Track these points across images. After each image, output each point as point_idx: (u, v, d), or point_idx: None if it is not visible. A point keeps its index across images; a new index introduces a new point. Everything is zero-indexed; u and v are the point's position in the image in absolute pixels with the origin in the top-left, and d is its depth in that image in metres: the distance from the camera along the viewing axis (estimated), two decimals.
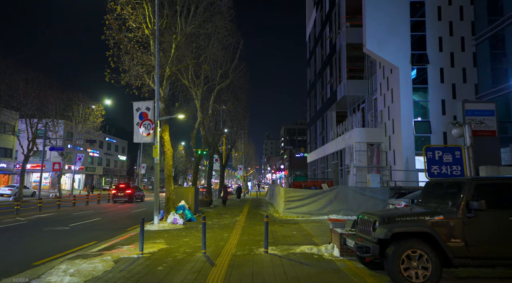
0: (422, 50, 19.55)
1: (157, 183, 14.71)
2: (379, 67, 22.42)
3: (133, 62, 16.25)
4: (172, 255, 8.26)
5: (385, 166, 21.26)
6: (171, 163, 15.85)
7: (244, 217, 17.59)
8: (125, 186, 29.83)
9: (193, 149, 23.28)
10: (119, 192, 29.13)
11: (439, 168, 10.63)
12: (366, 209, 17.32)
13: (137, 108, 14.98)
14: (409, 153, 18.86)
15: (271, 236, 11.13)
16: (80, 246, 10.18)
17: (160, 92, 15.89)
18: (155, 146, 14.71)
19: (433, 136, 18.96)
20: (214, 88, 24.11)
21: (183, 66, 16.60)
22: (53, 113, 35.87)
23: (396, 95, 19.79)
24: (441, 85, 19.25)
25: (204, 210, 21.39)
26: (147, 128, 14.74)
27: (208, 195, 26.00)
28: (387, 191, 17.30)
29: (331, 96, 29.60)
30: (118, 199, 29.25)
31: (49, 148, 35.12)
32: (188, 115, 25.66)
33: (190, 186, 25.15)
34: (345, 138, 23.80)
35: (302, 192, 18.01)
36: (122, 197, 28.98)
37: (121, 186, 30.01)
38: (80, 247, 10.11)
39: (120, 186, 30.02)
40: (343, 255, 7.83)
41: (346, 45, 25.23)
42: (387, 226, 5.42)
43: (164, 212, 15.65)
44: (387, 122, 21.31)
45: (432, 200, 6.25)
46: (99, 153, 64.71)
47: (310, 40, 42.20)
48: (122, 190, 29.24)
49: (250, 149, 69.05)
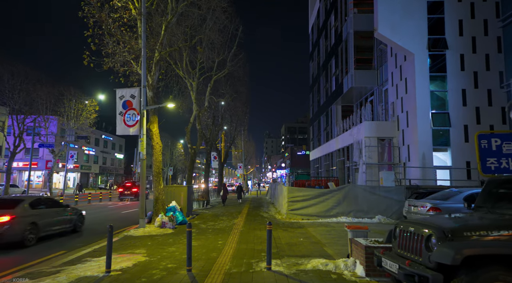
0: (440, 34, 17.67)
1: (143, 181, 12.89)
2: (391, 55, 20.55)
3: (119, 47, 14.44)
4: (147, 274, 6.44)
5: (397, 162, 19.43)
6: (160, 158, 14.03)
7: (243, 219, 15.78)
8: (131, 185, 31.46)
9: (188, 145, 21.44)
10: (126, 190, 30.63)
11: (498, 161, 8.67)
12: (378, 210, 15.50)
13: (121, 96, 13.15)
14: (425, 148, 17.01)
15: (274, 244, 9.32)
16: (42, 258, 8.38)
17: (148, 79, 14.09)
18: (141, 139, 12.89)
19: (452, 130, 17.10)
20: (211, 79, 22.25)
21: (173, 49, 14.76)
22: (44, 109, 34.13)
23: (410, 85, 17.93)
24: (461, 73, 17.38)
25: (200, 211, 19.58)
26: (132, 118, 12.91)
27: (205, 194, 24.16)
28: (403, 190, 15.49)
29: (336, 89, 27.75)
30: (124, 197, 30.49)
31: (38, 144, 33.31)
32: (182, 107, 23.80)
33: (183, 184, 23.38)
34: (352, 133, 21.95)
35: (307, 191, 16.20)
36: (128, 195, 30.36)
37: (128, 185, 31.52)
38: (41, 259, 8.30)
39: (127, 185, 31.53)
40: (370, 274, 6.01)
41: (354, 33, 23.37)
42: (452, 245, 3.59)
43: (152, 214, 13.85)
44: (400, 115, 19.45)
45: (506, 205, 4.40)
46: (95, 150, 62.87)
47: (313, 32, 40.31)
48: (129, 188, 30.76)
49: (250, 146, 67.20)
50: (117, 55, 14.62)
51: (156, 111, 14.10)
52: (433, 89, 17.64)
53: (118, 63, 14.70)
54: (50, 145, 33.20)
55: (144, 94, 13.15)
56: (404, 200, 15.23)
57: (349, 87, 23.53)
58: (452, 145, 17.07)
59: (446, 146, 17.36)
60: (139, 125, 12.87)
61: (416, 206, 11.37)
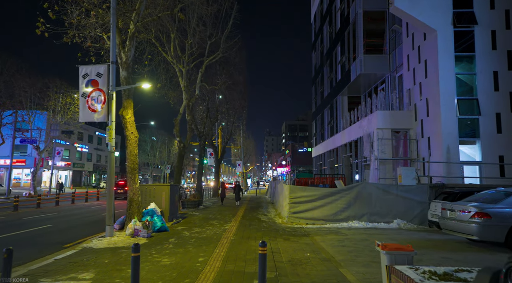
0: (467, 7, 15.16)
1: (112, 178, 10.44)
2: (407, 36, 18.05)
3: (89, 20, 12.00)
4: None
5: (415, 157, 16.95)
6: (135, 151, 11.59)
7: (236, 223, 13.36)
8: (124, 183, 28.96)
9: (177, 139, 18.99)
10: (118, 188, 28.12)
11: None
12: (397, 213, 13.03)
13: (85, 74, 10.71)
14: (450, 140, 14.53)
15: (271, 263, 6.89)
16: None
17: (121, 56, 11.65)
18: (109, 127, 10.45)
19: (482, 119, 14.61)
20: (203, 64, 19.78)
21: (152, 19, 12.28)
22: (27, 102, 31.74)
23: (432, 67, 15.45)
24: (493, 53, 14.87)
25: (190, 213, 17.17)
26: (97, 101, 10.46)
27: (198, 194, 21.76)
28: (426, 190, 13.05)
29: (342, 78, 25.26)
30: (117, 196, 27.71)
31: (20, 140, 30.90)
32: (173, 97, 21.34)
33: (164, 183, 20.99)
34: (362, 124, 19.48)
35: (312, 191, 13.77)
36: (122, 194, 27.92)
37: (120, 183, 29.13)
38: None
39: (119, 183, 29.04)
40: None
41: (363, 13, 20.88)
42: None
43: (126, 219, 11.44)
44: (418, 103, 16.96)
45: None
46: (89, 148, 60.51)
47: (316, 20, 37.77)
48: (122, 187, 28.45)
49: (250, 143, 64.67)
50: (87, 30, 12.22)
51: (131, 94, 11.65)
52: (458, 72, 15.15)
53: (89, 40, 12.31)
54: (33, 140, 30.77)
55: (114, 72, 10.72)
56: (428, 201, 12.84)
57: (358, 75, 21.05)
58: (482, 136, 14.60)
59: (474, 138, 14.89)
60: (106, 110, 10.44)
61: (454, 210, 8.92)
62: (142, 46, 17.60)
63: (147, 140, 68.72)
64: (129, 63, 11.79)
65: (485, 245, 9.06)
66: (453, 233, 9.02)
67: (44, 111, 34.42)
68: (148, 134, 69.20)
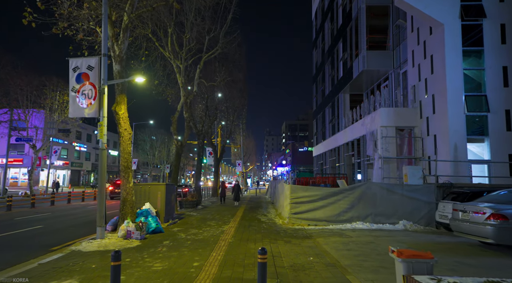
0: (476, 0, 14.60)
1: (103, 176, 9.88)
2: (411, 31, 17.48)
3: (81, 12, 11.46)
4: None
5: (420, 156, 16.39)
6: (129, 149, 11.04)
7: (235, 224, 12.81)
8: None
9: (174, 136, 18.42)
10: (116, 188, 27.16)
11: None
12: (403, 214, 12.46)
13: (75, 68, 10.15)
14: (458, 138, 13.97)
15: (272, 269, 6.34)
16: None
17: (114, 49, 11.09)
18: (100, 123, 9.90)
19: (491, 116, 14.04)
20: (201, 60, 19.22)
21: (146, 10, 11.72)
22: (24, 100, 31.16)
23: (438, 62, 14.88)
24: (503, 47, 14.29)
25: (187, 213, 16.63)
26: (88, 96, 9.91)
27: (196, 194, 21.19)
28: (433, 189, 12.48)
29: (344, 75, 24.69)
30: (115, 196, 27.07)
31: (15, 138, 30.31)
32: (171, 95, 20.80)
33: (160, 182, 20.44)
34: (365, 122, 18.91)
35: (314, 191, 13.21)
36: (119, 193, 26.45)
37: (118, 182, 28.09)
38: None
39: (117, 182, 28.07)
40: None
41: (366, 8, 20.31)
42: None
43: (119, 220, 10.89)
44: (423, 100, 16.39)
45: None
46: (87, 147, 59.93)
47: (317, 17, 37.19)
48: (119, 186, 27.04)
49: (250, 142, 64.08)
50: (80, 22, 11.68)
51: (124, 89, 11.10)
52: (466, 67, 14.59)
53: (81, 33, 11.76)
54: (28, 139, 30.17)
55: (106, 66, 10.16)
56: (435, 201, 12.28)
57: (360, 71, 20.48)
58: (491, 134, 14.03)
59: (482, 136, 14.33)
60: (97, 105, 9.88)
61: (466, 212, 8.36)
62: (139, 41, 17.06)
63: (146, 140, 68.05)
64: (123, 57, 11.24)
65: (500, 248, 8.49)
66: (465, 236, 8.47)
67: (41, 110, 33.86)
68: (147, 133, 68.57)
